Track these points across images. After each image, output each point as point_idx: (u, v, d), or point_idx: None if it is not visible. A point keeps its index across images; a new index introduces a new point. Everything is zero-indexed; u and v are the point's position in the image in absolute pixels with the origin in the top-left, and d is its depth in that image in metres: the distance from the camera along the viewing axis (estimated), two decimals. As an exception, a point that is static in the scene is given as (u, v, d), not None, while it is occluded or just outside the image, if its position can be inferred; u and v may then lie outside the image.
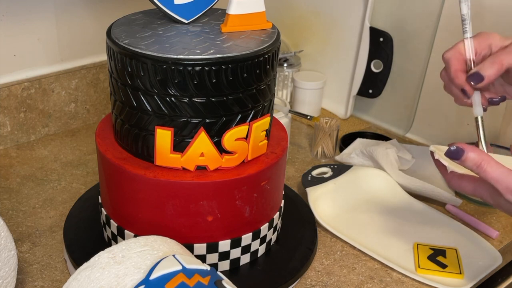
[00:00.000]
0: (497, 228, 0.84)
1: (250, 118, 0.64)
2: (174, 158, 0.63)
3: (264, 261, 0.72)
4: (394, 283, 0.73)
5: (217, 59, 0.59)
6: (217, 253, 0.68)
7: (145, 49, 0.60)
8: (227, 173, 0.64)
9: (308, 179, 0.89)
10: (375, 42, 1.10)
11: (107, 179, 0.68)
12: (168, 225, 0.65)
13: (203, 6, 0.68)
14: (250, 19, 0.67)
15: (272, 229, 0.73)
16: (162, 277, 0.49)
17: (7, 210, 0.83)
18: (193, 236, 0.66)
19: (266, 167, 0.66)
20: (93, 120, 1.10)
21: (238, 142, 0.64)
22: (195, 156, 0.63)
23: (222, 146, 0.63)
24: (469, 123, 1.02)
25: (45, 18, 0.99)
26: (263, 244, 0.72)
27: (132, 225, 0.67)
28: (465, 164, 0.62)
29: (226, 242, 0.67)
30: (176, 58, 0.58)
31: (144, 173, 0.63)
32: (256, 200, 0.67)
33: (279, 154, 0.69)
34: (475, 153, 0.61)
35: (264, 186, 0.67)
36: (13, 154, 0.98)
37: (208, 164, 0.64)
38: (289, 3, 1.22)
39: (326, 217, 0.83)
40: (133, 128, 0.64)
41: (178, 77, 0.59)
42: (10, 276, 0.63)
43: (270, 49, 0.63)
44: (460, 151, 0.62)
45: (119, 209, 0.68)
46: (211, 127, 0.62)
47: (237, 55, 0.60)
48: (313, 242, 0.77)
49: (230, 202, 0.65)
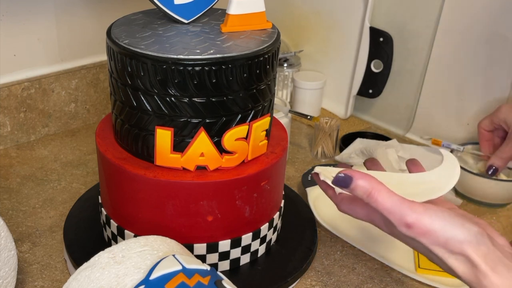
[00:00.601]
0: (497, 228, 0.84)
1: (250, 118, 0.64)
2: (174, 158, 0.63)
3: (264, 261, 0.72)
4: (394, 283, 0.73)
5: (217, 59, 0.59)
6: (217, 253, 0.67)
7: (145, 49, 0.60)
8: (227, 173, 0.64)
9: (308, 179, 0.89)
10: (375, 42, 1.10)
11: (107, 179, 0.68)
12: (168, 225, 0.65)
13: (203, 6, 0.68)
14: (250, 19, 0.66)
15: (272, 229, 0.73)
16: (162, 277, 0.49)
17: (7, 210, 0.83)
18: (193, 236, 0.66)
19: (266, 167, 0.66)
20: (93, 120, 1.10)
21: (238, 142, 0.64)
22: (195, 156, 0.63)
23: (222, 146, 0.63)
24: (469, 123, 1.02)
25: (45, 18, 0.99)
26: (263, 244, 0.72)
27: (132, 225, 0.67)
28: (354, 192, 0.57)
29: (226, 242, 0.67)
30: (176, 58, 0.58)
31: (144, 173, 0.63)
32: (256, 200, 0.67)
33: (279, 154, 0.69)
34: (365, 181, 0.56)
35: (264, 186, 0.67)
36: (13, 154, 0.98)
37: (208, 164, 0.64)
38: (289, 3, 1.22)
39: (326, 217, 0.83)
40: (133, 128, 0.64)
41: (178, 77, 0.59)
42: (10, 276, 0.63)
43: (270, 49, 0.63)
44: (348, 178, 0.56)
45: (119, 209, 0.68)
46: (211, 127, 0.62)
47: (237, 55, 0.60)
48: (313, 242, 0.77)
49: (230, 202, 0.65)
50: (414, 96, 1.09)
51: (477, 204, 0.90)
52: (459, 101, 1.02)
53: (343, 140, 1.06)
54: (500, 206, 0.90)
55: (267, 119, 0.66)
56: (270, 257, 0.73)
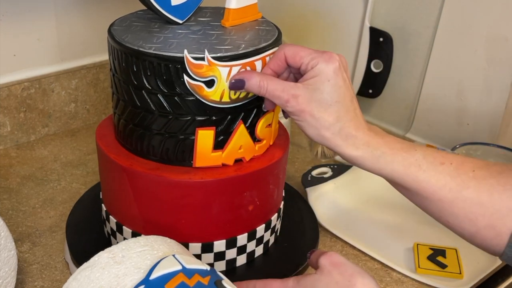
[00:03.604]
0: (497, 228, 0.84)
1: None
2: (215, 156, 0.63)
3: (263, 260, 0.72)
4: (394, 283, 0.73)
5: (242, 53, 0.61)
6: (254, 240, 0.69)
7: (163, 48, 0.60)
8: (261, 161, 0.67)
9: (308, 179, 0.89)
10: (375, 42, 1.10)
11: (107, 179, 0.68)
12: (213, 223, 0.65)
13: (193, 6, 0.69)
14: (247, 11, 0.68)
15: (270, 230, 0.73)
16: (162, 277, 0.49)
17: (7, 210, 0.83)
18: (235, 229, 0.67)
19: (286, 149, 0.70)
20: (93, 120, 1.10)
21: (266, 129, 0.67)
22: (234, 150, 0.64)
23: (256, 136, 0.65)
24: (469, 123, 1.02)
25: (45, 18, 0.99)
26: (272, 235, 0.73)
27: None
28: (250, 90, 0.60)
29: (261, 227, 0.70)
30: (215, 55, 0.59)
31: (189, 178, 0.63)
32: (281, 181, 0.70)
33: (286, 137, 0.72)
34: (255, 77, 0.60)
35: (285, 167, 0.71)
36: (13, 154, 0.98)
37: (245, 156, 0.65)
38: (289, 2, 1.22)
39: (326, 217, 0.83)
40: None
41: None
42: (10, 276, 0.63)
43: (278, 41, 0.66)
44: (241, 82, 0.60)
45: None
46: (246, 120, 0.64)
47: (260, 47, 0.62)
48: (313, 242, 0.77)
49: (266, 187, 0.67)
50: (414, 96, 1.09)
51: (477, 204, 0.90)
52: (459, 101, 1.02)
53: (343, 140, 1.06)
54: (500, 206, 0.90)
55: None
56: (269, 257, 0.73)
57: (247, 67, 0.61)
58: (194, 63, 0.58)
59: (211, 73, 0.59)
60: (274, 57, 0.62)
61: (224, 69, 0.59)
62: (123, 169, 0.64)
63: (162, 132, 0.63)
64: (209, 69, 0.59)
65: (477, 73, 0.99)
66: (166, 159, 0.64)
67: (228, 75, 0.60)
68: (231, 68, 0.60)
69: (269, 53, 0.63)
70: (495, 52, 0.96)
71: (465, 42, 0.99)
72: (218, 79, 0.60)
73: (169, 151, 0.64)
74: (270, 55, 0.63)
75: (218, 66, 0.59)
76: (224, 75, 0.60)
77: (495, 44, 0.95)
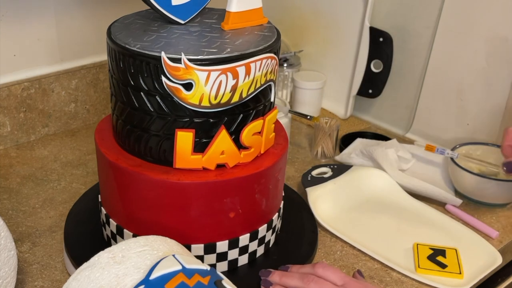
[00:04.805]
0: (497, 228, 0.84)
1: (264, 112, 0.66)
2: (195, 159, 0.63)
3: (264, 260, 0.72)
4: (394, 283, 0.73)
5: (236, 56, 0.60)
6: (237, 249, 0.69)
7: (159, 49, 0.60)
8: (246, 168, 0.66)
9: (308, 179, 0.89)
10: (375, 42, 1.10)
11: (106, 179, 0.68)
12: (192, 226, 0.65)
13: (198, 6, 0.69)
14: (249, 15, 0.67)
15: (271, 230, 0.73)
16: (162, 277, 0.49)
17: (7, 210, 0.83)
18: (217, 234, 0.67)
19: (279, 159, 0.68)
20: (93, 120, 1.10)
21: (254, 137, 0.65)
22: (216, 155, 0.63)
23: (240, 142, 0.64)
24: (469, 123, 1.02)
25: (45, 18, 0.99)
26: (273, 234, 0.73)
27: (131, 224, 0.67)
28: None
29: (245, 236, 0.69)
30: (204, 58, 0.59)
31: (166, 178, 0.63)
32: (271, 191, 0.69)
33: (284, 145, 0.71)
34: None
35: (278, 177, 0.69)
36: (13, 154, 0.98)
37: (228, 162, 0.64)
38: (289, 3, 1.22)
39: (326, 217, 0.83)
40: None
41: None
42: (10, 276, 0.63)
43: (278, 44, 0.65)
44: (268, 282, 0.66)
45: (119, 209, 0.68)
46: (230, 125, 0.63)
47: (257, 50, 0.61)
48: (313, 242, 0.77)
49: (251, 196, 0.66)
50: (414, 96, 1.09)
51: (477, 204, 0.90)
52: (459, 101, 1.02)
53: (343, 140, 1.06)
54: (500, 206, 0.90)
55: (276, 111, 0.68)
56: (270, 257, 0.73)
57: (227, 73, 0.59)
58: (171, 65, 0.57)
59: (189, 76, 0.58)
60: None
61: (202, 73, 0.58)
62: (110, 164, 0.65)
63: (144, 129, 0.63)
64: (186, 72, 0.58)
65: (477, 73, 0.99)
66: (149, 157, 0.64)
67: (207, 79, 0.58)
68: (209, 72, 0.58)
69: (255, 59, 0.61)
70: (495, 52, 0.96)
71: (465, 42, 0.99)
72: (196, 83, 0.58)
73: (152, 149, 0.64)
74: (256, 61, 0.62)
75: (196, 70, 0.58)
76: (202, 79, 0.58)
77: (495, 44, 0.95)
